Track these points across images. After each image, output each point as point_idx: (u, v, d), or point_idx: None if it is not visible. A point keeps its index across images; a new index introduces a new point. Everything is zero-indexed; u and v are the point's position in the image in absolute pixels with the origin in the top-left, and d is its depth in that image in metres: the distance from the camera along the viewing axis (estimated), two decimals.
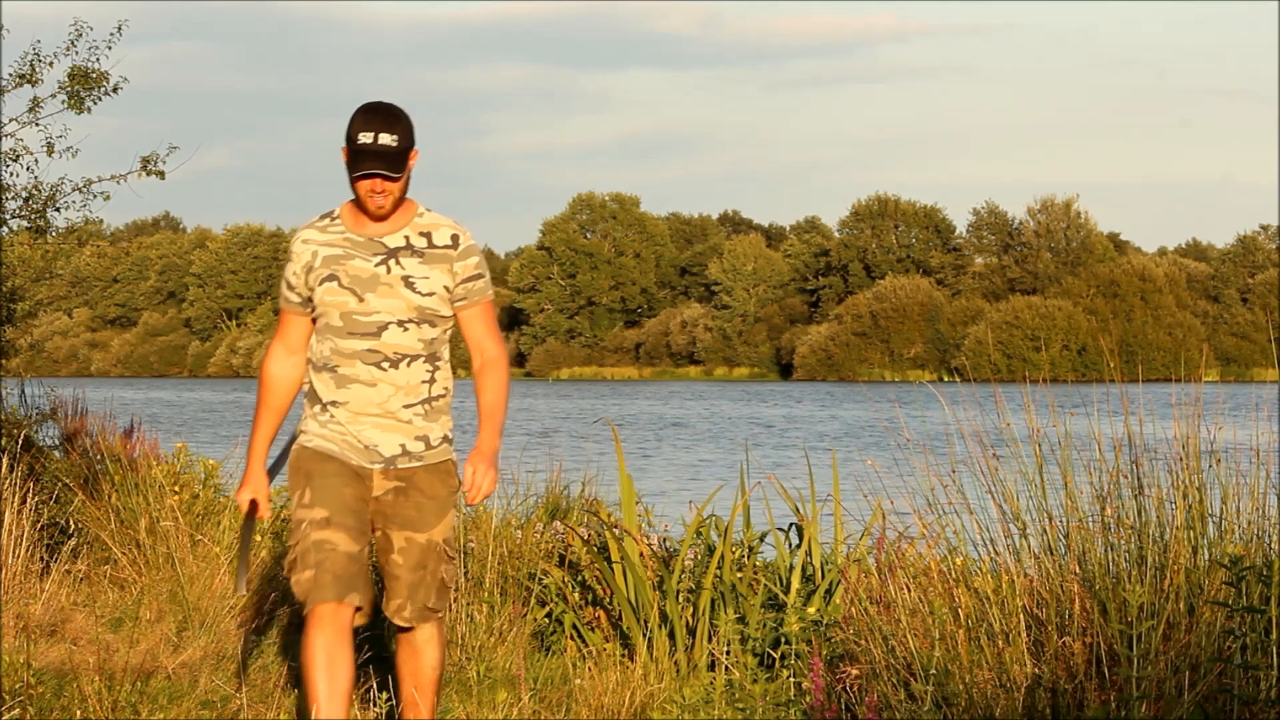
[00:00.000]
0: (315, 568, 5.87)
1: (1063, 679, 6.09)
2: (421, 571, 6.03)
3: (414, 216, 6.00)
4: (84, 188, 14.09)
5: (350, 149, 5.88)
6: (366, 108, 5.91)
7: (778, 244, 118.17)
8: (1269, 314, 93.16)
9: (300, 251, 6.03)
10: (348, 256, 5.95)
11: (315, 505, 5.92)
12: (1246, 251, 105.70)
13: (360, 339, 5.93)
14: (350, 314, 5.93)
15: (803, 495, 8.36)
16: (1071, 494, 6.42)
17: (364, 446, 5.96)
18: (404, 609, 6.04)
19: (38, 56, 13.87)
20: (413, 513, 6.01)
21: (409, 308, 5.93)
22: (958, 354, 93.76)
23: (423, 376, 5.98)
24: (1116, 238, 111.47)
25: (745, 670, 7.51)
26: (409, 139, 5.89)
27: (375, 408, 5.95)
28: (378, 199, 5.89)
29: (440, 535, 6.06)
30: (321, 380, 6.01)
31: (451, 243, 5.99)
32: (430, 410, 6.01)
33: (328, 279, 5.94)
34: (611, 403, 66.76)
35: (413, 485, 6.02)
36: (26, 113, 13.91)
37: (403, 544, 6.01)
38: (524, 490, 9.88)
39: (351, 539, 5.90)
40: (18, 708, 6.74)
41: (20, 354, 17.02)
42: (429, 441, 6.02)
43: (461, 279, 6.00)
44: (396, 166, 5.86)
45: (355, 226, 5.98)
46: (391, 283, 5.93)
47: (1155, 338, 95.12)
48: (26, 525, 9.26)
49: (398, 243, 5.96)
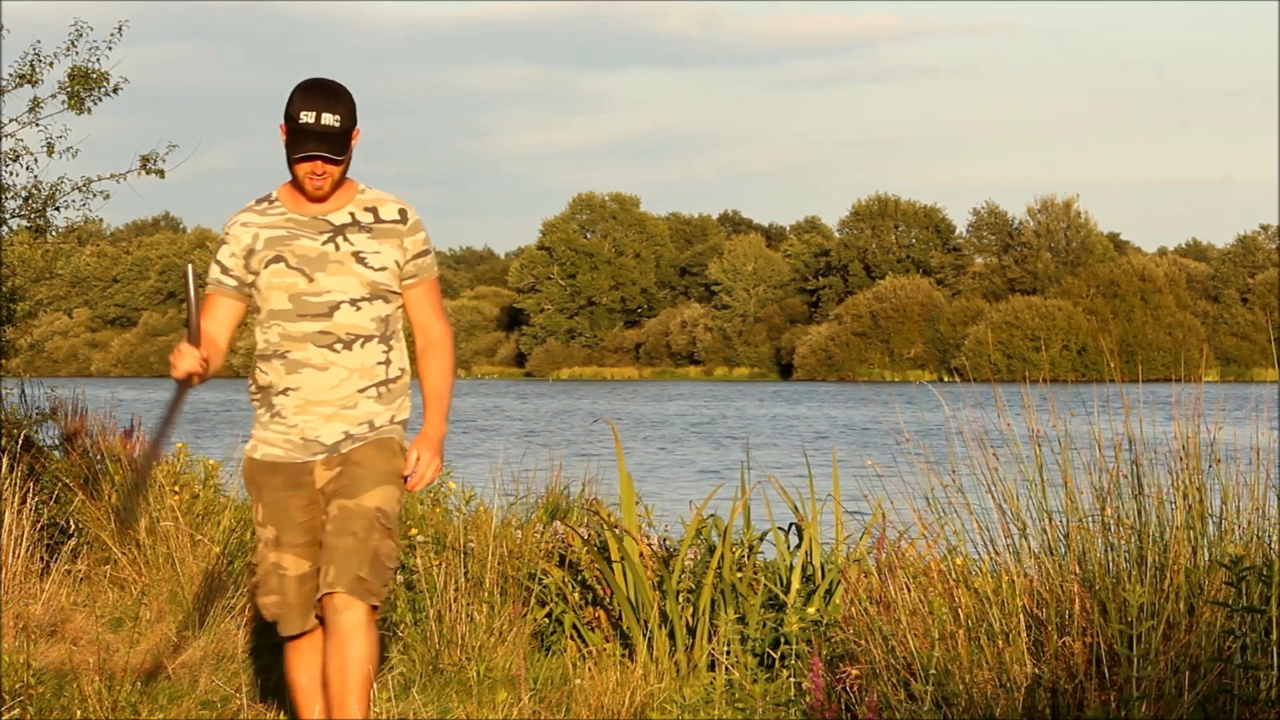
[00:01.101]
0: (278, 594, 5.80)
1: (1063, 679, 6.08)
2: (351, 538, 5.67)
3: (356, 193, 5.79)
4: (84, 187, 14.09)
5: (290, 128, 5.62)
6: (307, 84, 5.66)
7: (778, 244, 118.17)
8: (1269, 314, 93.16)
9: (239, 235, 5.78)
10: (292, 236, 5.73)
11: (267, 523, 5.81)
12: (1246, 251, 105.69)
13: (311, 321, 5.71)
14: (299, 295, 5.70)
15: (803, 495, 8.36)
16: (1071, 494, 6.42)
17: (305, 441, 5.76)
18: (329, 574, 5.67)
19: (38, 56, 13.87)
20: (346, 481, 5.74)
21: (362, 284, 5.71)
22: (958, 354, 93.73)
23: (378, 358, 5.76)
24: (1116, 238, 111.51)
25: (745, 670, 7.51)
26: (352, 118, 5.65)
27: (328, 393, 5.73)
28: (317, 181, 5.66)
29: (374, 502, 5.71)
30: (271, 369, 5.78)
31: (400, 217, 5.78)
32: (386, 393, 5.80)
33: (273, 261, 5.71)
34: (612, 402, 66.76)
35: (348, 460, 5.77)
36: (26, 113, 13.92)
37: (335, 511, 5.73)
38: (524, 490, 9.90)
39: (300, 557, 5.78)
40: (18, 708, 6.74)
41: (20, 354, 17.02)
42: (373, 424, 5.78)
43: (412, 255, 5.79)
44: (339, 148, 5.63)
45: (296, 207, 5.76)
46: (342, 260, 5.71)
47: (1155, 338, 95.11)
48: (26, 525, 9.26)
49: (343, 219, 5.75)
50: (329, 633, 5.70)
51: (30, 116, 13.91)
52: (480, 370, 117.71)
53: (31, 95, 13.88)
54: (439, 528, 9.13)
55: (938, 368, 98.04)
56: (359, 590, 5.64)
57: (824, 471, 8.73)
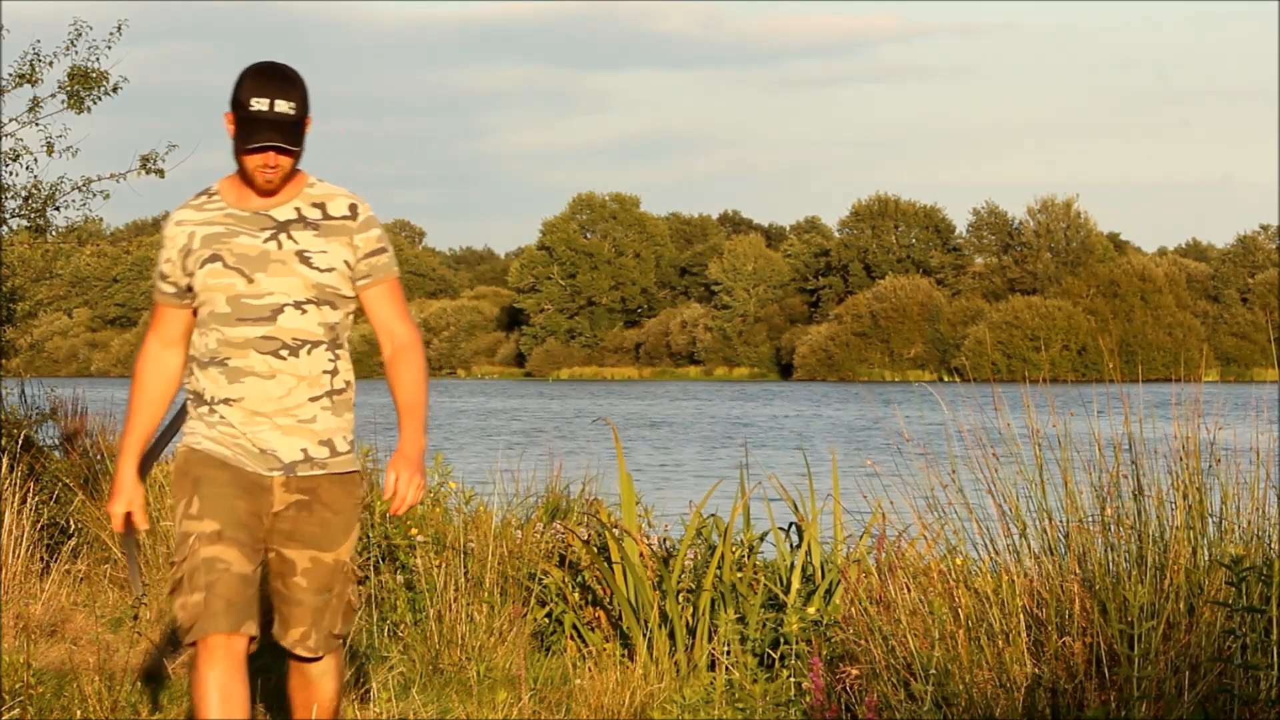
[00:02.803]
0: (205, 590, 5.16)
1: (1063, 679, 6.08)
2: (327, 595, 5.35)
3: (304, 187, 5.34)
4: (83, 186, 14.12)
5: (239, 116, 5.20)
6: (259, 69, 5.22)
7: (778, 244, 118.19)
8: (1269, 314, 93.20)
9: (174, 235, 5.34)
10: (231, 234, 5.27)
11: (204, 516, 5.22)
12: (1246, 251, 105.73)
13: (253, 325, 5.24)
14: (239, 297, 5.25)
15: (802, 495, 8.36)
16: (1071, 494, 6.42)
17: (260, 451, 5.27)
18: (309, 638, 5.36)
19: (38, 56, 13.89)
20: (317, 529, 5.32)
21: (306, 286, 5.25)
22: (958, 354, 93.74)
23: (325, 366, 5.29)
24: (1116, 238, 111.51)
25: (745, 670, 7.52)
26: (306, 106, 5.23)
27: (274, 404, 5.26)
28: (268, 174, 5.23)
29: (347, 554, 5.38)
30: (209, 377, 5.30)
31: (349, 213, 5.32)
32: (335, 405, 5.32)
33: (209, 260, 5.26)
34: (612, 402, 66.77)
35: (316, 498, 5.32)
36: (26, 112, 13.93)
37: (307, 565, 5.33)
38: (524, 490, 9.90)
39: (245, 557, 5.22)
40: (18, 708, 6.74)
41: (20, 354, 17.03)
42: (334, 447, 5.33)
43: (363, 253, 5.31)
44: (294, 138, 5.21)
45: (238, 201, 5.31)
46: (284, 259, 5.25)
47: (1155, 338, 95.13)
48: (26, 525, 9.27)
49: (287, 215, 5.29)
50: (296, 675, 5.46)
51: (30, 116, 13.92)
52: (480, 370, 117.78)
53: (31, 95, 13.91)
54: (439, 528, 9.13)
55: (938, 368, 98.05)
56: (332, 644, 5.43)
57: (824, 471, 8.73)
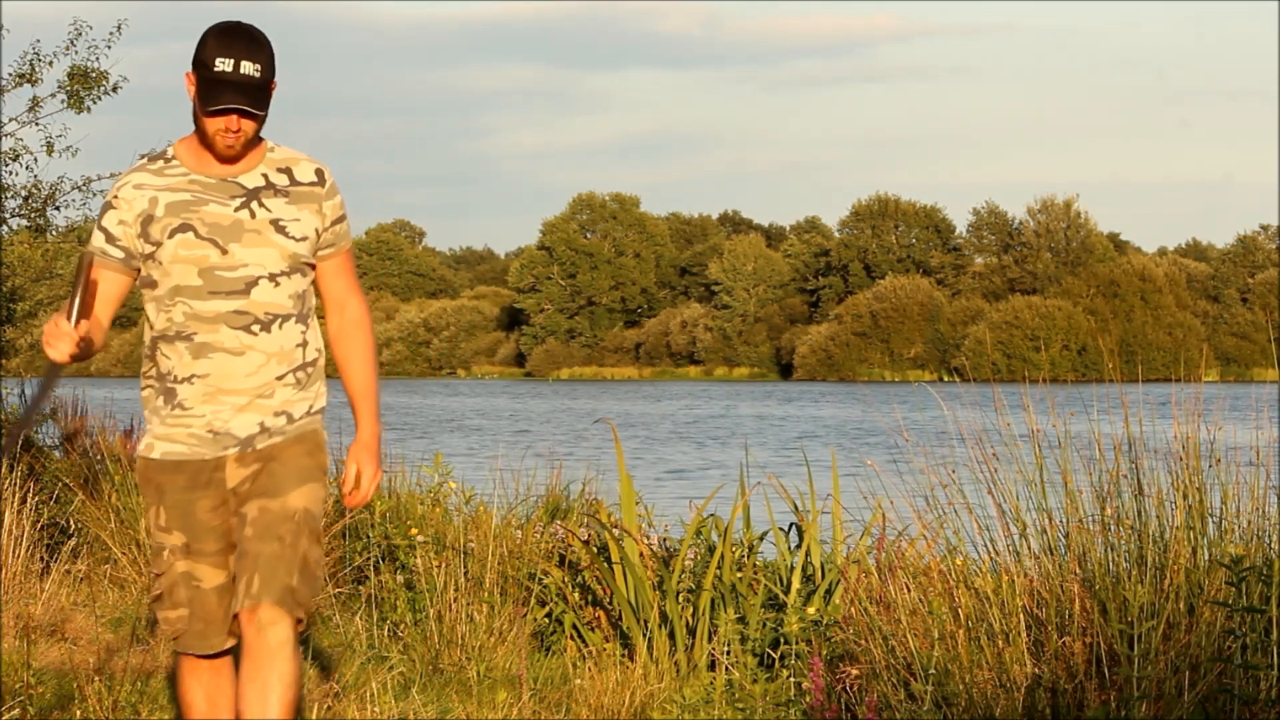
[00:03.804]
0: (186, 607, 5.13)
1: (1063, 679, 6.08)
2: (277, 543, 5.01)
3: (266, 152, 5.14)
4: (83, 186, 14.12)
5: (201, 77, 4.96)
6: (223, 28, 5.01)
7: (778, 244, 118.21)
8: (1269, 314, 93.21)
9: (132, 198, 5.05)
10: (199, 202, 5.04)
11: (172, 529, 5.12)
12: (1246, 251, 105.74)
13: (225, 299, 5.02)
14: (212, 269, 5.01)
15: (802, 495, 8.36)
16: (1071, 494, 6.42)
17: (214, 434, 5.08)
18: (252, 584, 4.98)
19: (37, 56, 13.89)
20: (266, 481, 5.08)
21: (282, 257, 5.06)
22: (958, 354, 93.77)
23: (296, 339, 5.12)
24: (1116, 238, 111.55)
25: (745, 670, 7.52)
26: (272, 69, 5.02)
27: (241, 381, 5.05)
28: (229, 138, 5.00)
29: (300, 502, 5.07)
30: (173, 353, 5.07)
31: (317, 179, 5.14)
32: (304, 379, 5.14)
33: (180, 230, 5.01)
34: (612, 402, 66.78)
35: (270, 458, 5.11)
36: (26, 112, 13.94)
37: (255, 513, 5.05)
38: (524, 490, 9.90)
39: (215, 567, 5.11)
40: (18, 708, 6.74)
41: (20, 354, 17.03)
42: (291, 416, 5.13)
43: (330, 220, 5.15)
44: (260, 101, 4.99)
45: (200, 167, 5.07)
46: (259, 229, 5.05)
47: (1155, 338, 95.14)
48: (26, 525, 9.26)
49: (256, 182, 5.08)
50: (248, 653, 5.00)
51: (30, 116, 13.93)
52: (480, 370, 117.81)
53: (31, 95, 13.92)
54: (439, 528, 9.13)
55: (938, 368, 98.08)
56: (288, 602, 4.98)
57: (824, 471, 8.73)
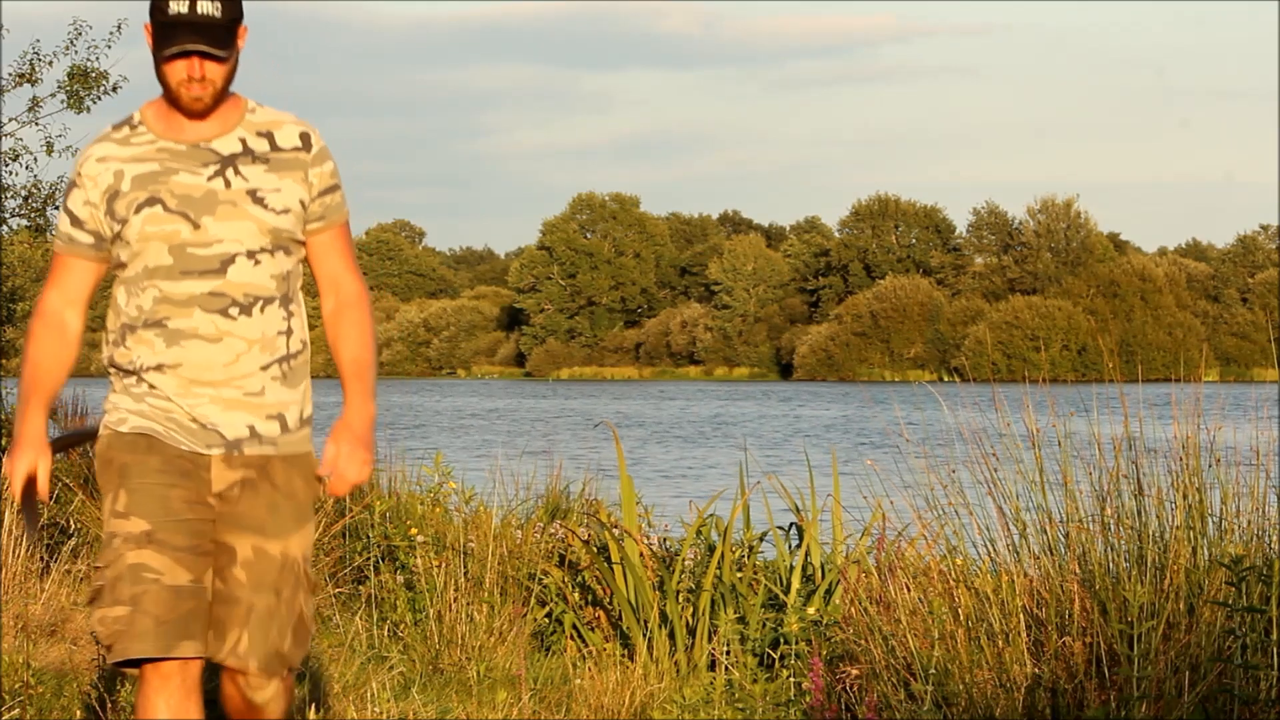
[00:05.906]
0: (130, 605, 4.37)
1: (1063, 679, 6.08)
2: (273, 599, 4.47)
3: (245, 113, 4.53)
4: None
5: (157, 24, 4.38)
6: None
7: (778, 244, 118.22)
8: (1269, 314, 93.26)
9: (96, 174, 4.50)
10: (169, 171, 4.47)
11: (132, 514, 4.44)
12: (1246, 251, 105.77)
13: (198, 279, 4.46)
14: (183, 246, 4.45)
15: (803, 495, 8.36)
16: (1071, 494, 6.42)
17: (199, 425, 4.49)
18: (241, 644, 4.46)
19: (37, 56, 13.91)
20: (264, 512, 4.50)
21: (262, 232, 4.48)
22: (958, 354, 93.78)
23: (279, 326, 4.52)
24: (1116, 238, 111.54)
25: (745, 670, 7.52)
26: (236, 8, 4.41)
27: (219, 372, 4.47)
28: (194, 88, 4.39)
29: (299, 548, 4.53)
30: (141, 341, 4.55)
31: (302, 144, 4.54)
32: (290, 372, 4.55)
33: (147, 204, 4.45)
34: (611, 403, 66.77)
35: (265, 477, 4.52)
36: (26, 112, 13.95)
37: (249, 555, 4.48)
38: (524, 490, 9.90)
39: (180, 565, 4.41)
40: (18, 708, 6.74)
41: (20, 354, 17.03)
42: (285, 422, 4.55)
43: (319, 191, 4.55)
44: (222, 41, 4.37)
45: (169, 132, 4.50)
46: (234, 200, 4.46)
47: (1155, 338, 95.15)
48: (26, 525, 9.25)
49: (232, 147, 4.49)
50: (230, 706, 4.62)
51: (30, 116, 13.94)
52: (480, 370, 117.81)
53: (31, 94, 13.93)
54: (439, 528, 9.13)
55: (938, 368, 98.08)
56: (276, 667, 4.50)
57: (824, 471, 8.73)
